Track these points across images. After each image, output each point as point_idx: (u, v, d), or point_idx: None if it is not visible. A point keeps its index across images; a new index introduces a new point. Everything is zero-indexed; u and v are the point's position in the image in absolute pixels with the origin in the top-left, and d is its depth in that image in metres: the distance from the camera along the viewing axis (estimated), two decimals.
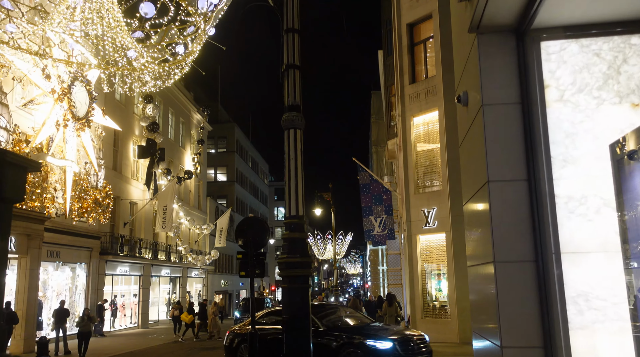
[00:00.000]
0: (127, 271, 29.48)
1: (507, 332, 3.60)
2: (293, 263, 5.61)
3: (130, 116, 30.79)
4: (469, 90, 4.63)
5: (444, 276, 17.37)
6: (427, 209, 17.66)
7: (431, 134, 18.33)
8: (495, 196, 3.85)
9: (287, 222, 5.61)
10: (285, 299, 5.82)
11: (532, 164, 3.77)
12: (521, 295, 3.62)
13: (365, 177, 23.21)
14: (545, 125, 3.74)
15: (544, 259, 3.58)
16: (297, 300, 5.54)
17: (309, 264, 5.78)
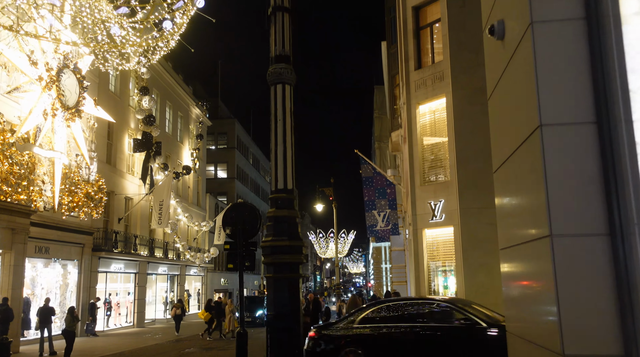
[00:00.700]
0: (122, 268, 28.53)
1: (571, 335, 2.58)
2: (280, 248, 4.49)
3: (125, 108, 29.83)
4: (507, 15, 3.59)
5: (451, 273, 16.34)
6: (434, 201, 16.64)
7: (438, 122, 17.31)
8: (551, 145, 2.81)
9: (273, 197, 4.46)
10: (270, 293, 4.63)
11: (603, 101, 2.72)
12: (590, 282, 2.59)
13: (368, 170, 22.22)
14: (620, 48, 2.70)
15: (623, 232, 2.55)
16: (284, 293, 4.43)
17: (300, 249, 4.52)
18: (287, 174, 4.32)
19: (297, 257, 4.57)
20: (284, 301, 4.38)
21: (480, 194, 15.68)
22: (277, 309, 4.49)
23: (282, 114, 4.38)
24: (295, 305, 4.45)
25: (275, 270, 4.60)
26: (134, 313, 30.01)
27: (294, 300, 4.46)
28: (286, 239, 4.53)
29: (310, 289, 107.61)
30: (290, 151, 4.38)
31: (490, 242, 15.54)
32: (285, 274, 4.54)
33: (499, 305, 15.36)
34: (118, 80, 29.10)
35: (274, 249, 4.66)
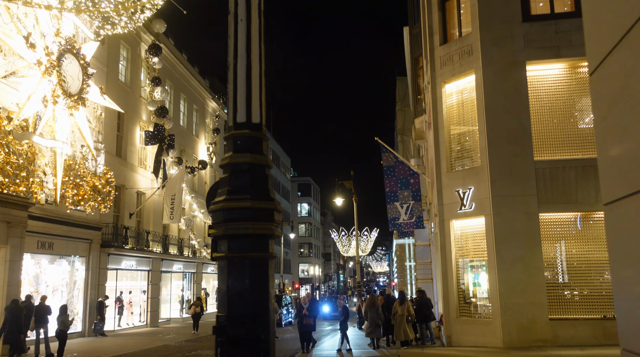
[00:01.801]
0: (133, 265, 27.44)
1: None
2: (237, 211, 2.88)
3: (136, 100, 28.75)
4: None
5: (483, 268, 14.67)
6: (462, 189, 14.98)
7: (466, 102, 15.64)
8: None
9: (229, 136, 2.83)
10: (220, 283, 3.07)
11: None
12: None
13: (389, 159, 20.58)
14: None
15: None
16: (243, 283, 2.83)
17: (271, 214, 2.96)
18: (252, 101, 2.79)
19: (266, 227, 2.91)
20: (243, 296, 2.80)
21: (515, 179, 14.01)
22: (232, 308, 2.84)
23: (246, 12, 2.87)
24: (262, 302, 2.82)
25: (229, 246, 2.89)
26: (147, 312, 28.91)
27: (260, 294, 2.82)
28: (248, 199, 2.83)
29: (334, 288, 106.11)
30: (256, 67, 2.85)
31: (526, 233, 13.86)
32: (246, 252, 2.86)
33: (537, 304, 13.68)
34: (128, 70, 28.03)
35: (227, 214, 2.89)
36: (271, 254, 2.92)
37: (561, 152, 14.27)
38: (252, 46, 2.84)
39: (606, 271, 13.63)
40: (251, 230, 2.72)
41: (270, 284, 2.76)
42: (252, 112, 2.79)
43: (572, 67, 14.50)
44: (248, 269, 2.72)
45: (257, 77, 2.84)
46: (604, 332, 13.06)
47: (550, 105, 14.48)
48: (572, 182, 13.84)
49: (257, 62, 2.85)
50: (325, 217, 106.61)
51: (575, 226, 14.02)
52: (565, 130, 14.37)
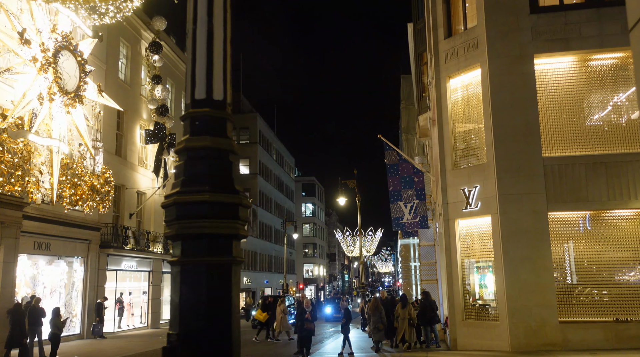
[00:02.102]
0: (134, 266, 27.05)
1: None
2: (193, 206, 2.34)
3: (136, 98, 28.37)
4: None
5: (489, 269, 14.16)
6: (468, 187, 14.48)
7: (471, 98, 15.13)
8: None
9: (187, 115, 2.35)
10: (173, 295, 2.56)
11: None
12: None
13: (392, 157, 20.12)
14: None
15: None
16: (198, 298, 2.33)
17: (234, 210, 2.45)
18: (214, 73, 2.29)
19: (229, 225, 2.38)
20: (198, 310, 2.29)
21: (523, 177, 13.51)
22: (185, 325, 2.32)
23: None
24: (223, 318, 2.29)
25: (183, 249, 2.37)
26: (148, 313, 28.52)
27: (220, 308, 2.29)
28: (205, 191, 2.32)
29: (338, 289, 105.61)
30: (220, 33, 2.34)
31: (535, 232, 13.35)
32: (202, 256, 2.33)
33: (547, 306, 13.16)
34: (128, 68, 27.66)
35: (181, 210, 2.37)
36: (234, 259, 2.37)
37: (570, 148, 13.76)
38: (215, 8, 2.35)
39: (618, 271, 13.10)
40: (209, 229, 2.21)
41: (234, 294, 2.26)
42: (213, 87, 2.30)
43: (582, 60, 13.97)
44: (205, 276, 2.20)
45: (220, 46, 2.34)
46: (616, 336, 12.54)
47: (559, 100, 13.96)
48: (582, 180, 13.32)
49: (220, 28, 2.35)
50: (329, 217, 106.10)
51: (585, 224, 13.50)
52: (574, 125, 13.85)
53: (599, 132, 13.77)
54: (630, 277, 13.10)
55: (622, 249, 13.06)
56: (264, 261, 55.34)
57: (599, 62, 13.94)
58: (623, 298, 12.90)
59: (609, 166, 13.22)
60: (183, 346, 2.21)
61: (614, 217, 13.34)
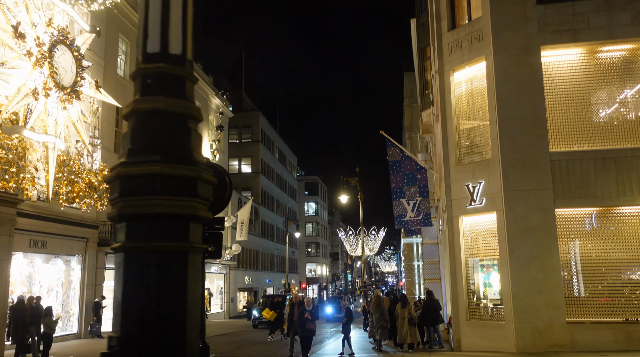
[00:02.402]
0: None
1: None
2: (140, 179, 1.87)
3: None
4: None
5: (494, 268, 13.73)
6: (472, 183, 14.05)
7: (476, 92, 14.70)
8: None
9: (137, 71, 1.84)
10: (116, 290, 1.98)
11: None
12: None
13: (395, 153, 19.68)
14: None
15: None
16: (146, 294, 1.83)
17: (192, 185, 1.95)
18: (171, 21, 1.85)
19: (185, 204, 1.93)
20: (146, 308, 1.83)
21: (529, 172, 13.07)
22: (128, 327, 1.87)
23: None
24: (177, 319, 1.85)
25: (128, 233, 1.92)
26: None
27: (173, 306, 1.86)
28: (156, 161, 1.88)
29: (341, 288, 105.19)
30: None
31: (542, 230, 12.91)
32: (152, 241, 1.88)
33: (554, 306, 12.72)
34: (128, 64, 27.28)
35: (125, 185, 1.94)
36: (192, 245, 1.93)
37: (579, 142, 13.32)
38: None
39: (628, 270, 12.66)
40: (160, 208, 1.79)
41: (192, 288, 1.83)
42: (169, 38, 1.88)
43: (590, 52, 13.53)
44: (154, 267, 1.77)
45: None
46: (626, 337, 12.11)
47: (567, 92, 13.52)
48: (591, 175, 12.87)
49: None
50: (332, 217, 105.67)
51: (594, 222, 13.05)
52: (582, 119, 13.41)
53: (608, 126, 13.33)
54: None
55: (632, 247, 12.62)
56: (266, 260, 54.98)
57: (608, 54, 13.50)
58: (633, 298, 12.46)
59: (619, 161, 12.77)
60: (124, 352, 1.78)
61: (623, 214, 12.90)
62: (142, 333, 1.73)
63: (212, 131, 40.26)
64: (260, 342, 20.73)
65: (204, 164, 2.01)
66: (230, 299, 42.57)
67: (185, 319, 1.76)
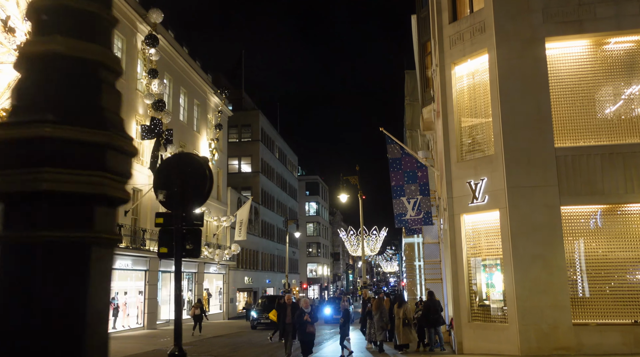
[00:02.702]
0: (129, 265, 26.26)
1: None
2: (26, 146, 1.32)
3: (132, 92, 27.57)
4: None
5: (497, 267, 13.26)
6: (474, 180, 13.57)
7: (478, 86, 14.23)
8: None
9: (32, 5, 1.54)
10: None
11: None
12: None
13: (395, 151, 19.21)
14: None
15: None
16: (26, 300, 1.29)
17: (99, 154, 1.44)
18: None
19: (89, 180, 1.42)
20: (27, 320, 1.29)
21: (534, 168, 12.60)
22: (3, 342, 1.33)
23: None
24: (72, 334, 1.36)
25: (7, 218, 1.38)
26: (144, 314, 27.72)
27: (68, 317, 1.36)
28: (48, 122, 1.36)
29: (343, 289, 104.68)
30: None
31: (547, 228, 12.43)
32: (38, 229, 1.35)
33: (559, 307, 12.24)
34: (123, 61, 26.84)
35: (4, 153, 1.38)
36: (98, 236, 1.45)
37: (585, 138, 12.85)
38: None
39: (637, 269, 12.17)
40: (49, 183, 1.24)
41: (96, 295, 1.34)
42: None
43: (596, 44, 13.04)
44: (40, 263, 1.28)
45: None
46: (635, 339, 11.63)
47: (573, 86, 13.04)
48: (598, 171, 12.39)
49: None
50: (334, 217, 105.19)
51: (601, 219, 12.57)
52: (589, 113, 12.93)
53: (615, 121, 12.85)
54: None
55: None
56: (266, 261, 54.52)
57: (616, 46, 13.01)
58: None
59: (627, 157, 12.29)
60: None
61: (631, 211, 12.41)
62: (21, 351, 1.25)
63: (210, 130, 39.80)
64: (258, 344, 20.27)
65: (120, 129, 1.54)
66: (229, 300, 42.12)
67: (83, 337, 1.27)
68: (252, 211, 48.63)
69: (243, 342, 21.33)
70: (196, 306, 25.39)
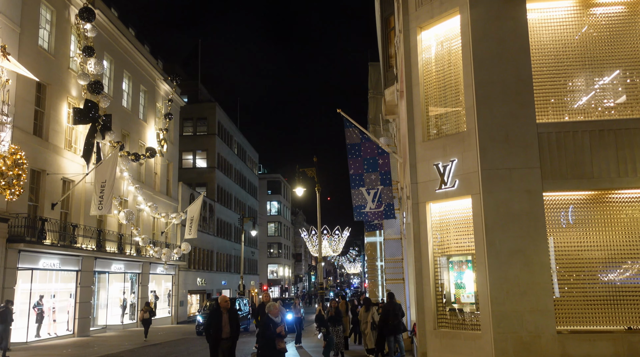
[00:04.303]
0: (56, 264, 23.32)
1: None
2: None
3: (63, 71, 24.66)
4: None
5: (469, 265, 11.23)
6: (443, 162, 11.54)
7: (447, 56, 12.22)
8: None
9: None
10: None
11: None
12: None
13: (354, 136, 17.15)
14: None
15: None
16: None
17: None
18: None
19: None
20: None
21: (512, 148, 10.64)
22: None
23: None
24: None
25: None
26: (75, 319, 24.79)
27: None
28: None
29: (305, 290, 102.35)
30: None
31: (527, 218, 10.46)
32: None
33: (542, 312, 10.20)
34: (53, 36, 23.93)
35: None
36: None
37: (571, 112, 11.00)
38: None
39: (632, 267, 10.33)
40: None
41: None
42: None
43: (584, 5, 11.19)
44: None
45: None
46: (629, 349, 9.80)
47: (557, 52, 11.16)
48: (586, 152, 10.52)
49: None
50: (296, 217, 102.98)
51: (590, 208, 10.68)
52: (576, 84, 11.07)
53: (606, 93, 11.03)
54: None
55: (636, 239, 10.31)
56: (221, 261, 51.72)
57: (607, 8, 11.19)
58: (638, 301, 10.14)
59: (619, 134, 10.46)
60: None
61: (625, 198, 10.58)
62: None
63: (160, 119, 36.96)
64: (195, 353, 17.82)
65: None
66: (178, 303, 39.27)
67: None
68: (207, 208, 45.90)
69: (179, 352, 18.80)
70: (145, 310, 23.96)
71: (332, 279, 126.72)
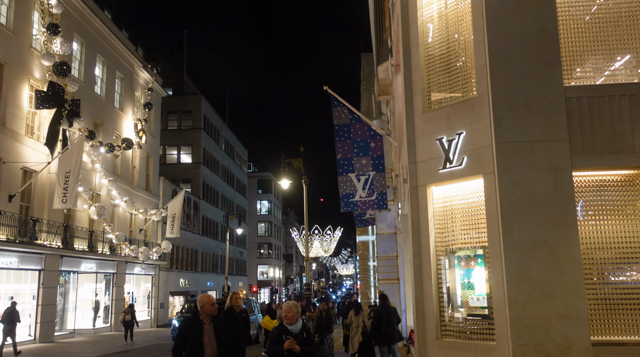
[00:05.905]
0: (14, 263, 21.08)
1: None
2: None
3: (24, 50, 22.45)
4: None
5: (480, 260, 9.17)
6: (447, 136, 9.50)
7: (454, 7, 10.18)
8: None
9: None
10: None
11: None
12: None
13: (342, 115, 15.23)
14: None
15: None
16: None
17: None
18: None
19: None
20: None
21: (534, 116, 8.61)
22: None
23: None
24: None
25: None
26: (37, 324, 22.55)
27: None
28: None
29: (296, 292, 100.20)
30: None
31: (553, 202, 8.40)
32: None
33: (573, 318, 7.72)
34: (12, 10, 21.73)
35: None
36: None
37: (607, 73, 8.97)
38: None
39: None
40: None
41: None
42: None
43: None
44: None
45: None
46: None
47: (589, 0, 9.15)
48: (626, 121, 8.52)
49: None
50: (287, 216, 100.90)
51: (631, 190, 8.67)
52: (612, 39, 9.04)
53: None
54: None
55: None
56: (207, 261, 49.49)
57: None
58: None
59: None
60: None
61: None
62: None
63: (139, 109, 34.75)
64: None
65: None
66: (159, 305, 37.04)
67: None
68: (191, 206, 43.76)
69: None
70: (126, 311, 23.01)
71: (324, 281, 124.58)
